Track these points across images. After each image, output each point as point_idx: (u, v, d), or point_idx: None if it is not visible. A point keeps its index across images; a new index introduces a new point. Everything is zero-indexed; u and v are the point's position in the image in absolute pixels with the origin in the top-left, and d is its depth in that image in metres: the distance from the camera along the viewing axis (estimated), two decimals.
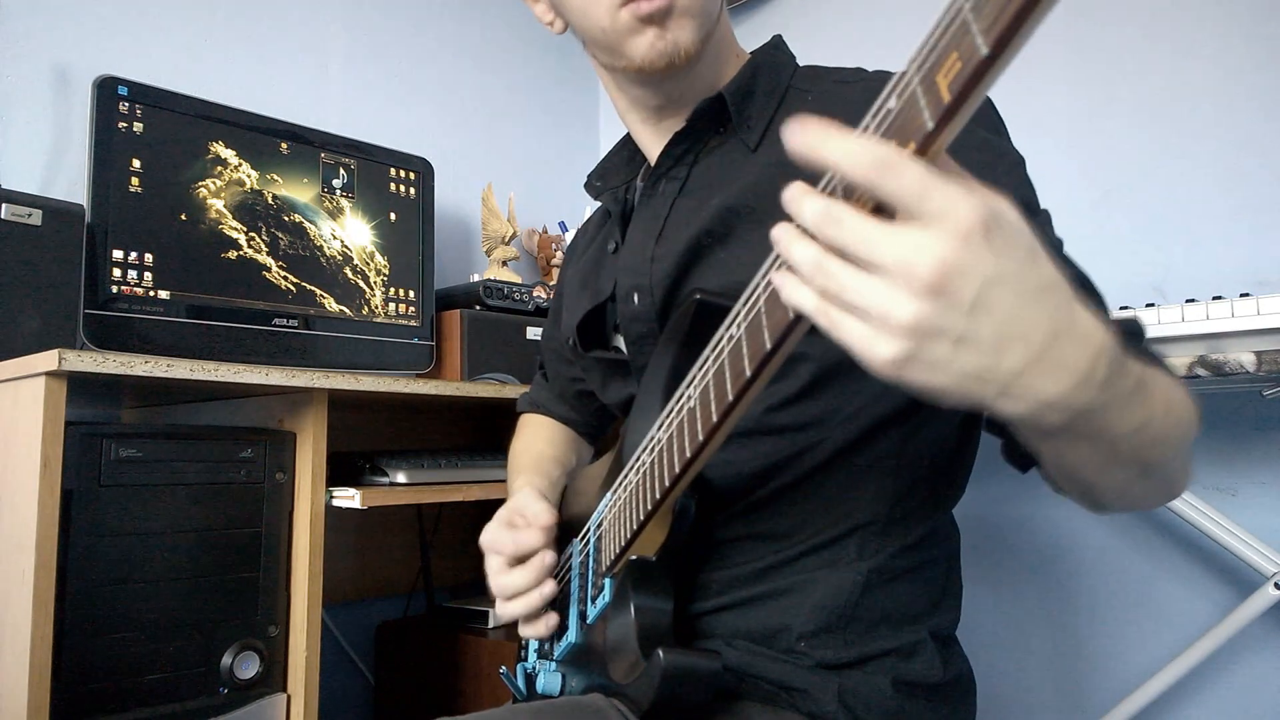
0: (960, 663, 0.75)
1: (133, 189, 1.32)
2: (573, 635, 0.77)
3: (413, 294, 1.66)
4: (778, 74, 0.79)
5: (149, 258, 1.33)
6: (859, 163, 0.39)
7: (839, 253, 0.41)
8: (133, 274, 1.31)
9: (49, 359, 0.96)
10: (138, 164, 1.33)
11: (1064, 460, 0.51)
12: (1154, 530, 1.52)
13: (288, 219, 1.50)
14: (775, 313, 0.48)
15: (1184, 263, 1.49)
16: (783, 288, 0.44)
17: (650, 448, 0.67)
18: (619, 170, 0.89)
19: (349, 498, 1.24)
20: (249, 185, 1.46)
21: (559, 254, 2.07)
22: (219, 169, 1.42)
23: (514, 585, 0.78)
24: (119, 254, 1.29)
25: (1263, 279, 1.40)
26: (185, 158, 1.38)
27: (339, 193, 1.58)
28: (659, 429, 0.66)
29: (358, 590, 1.74)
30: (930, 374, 0.40)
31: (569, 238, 1.96)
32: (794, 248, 0.43)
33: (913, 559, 0.72)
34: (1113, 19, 1.58)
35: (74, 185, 1.46)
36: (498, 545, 0.80)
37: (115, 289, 1.29)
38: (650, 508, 0.66)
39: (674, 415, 0.62)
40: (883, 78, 0.73)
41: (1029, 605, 1.65)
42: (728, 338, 0.54)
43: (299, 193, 1.52)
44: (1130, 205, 1.55)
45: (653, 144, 0.81)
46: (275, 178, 1.49)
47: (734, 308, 0.53)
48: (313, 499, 1.20)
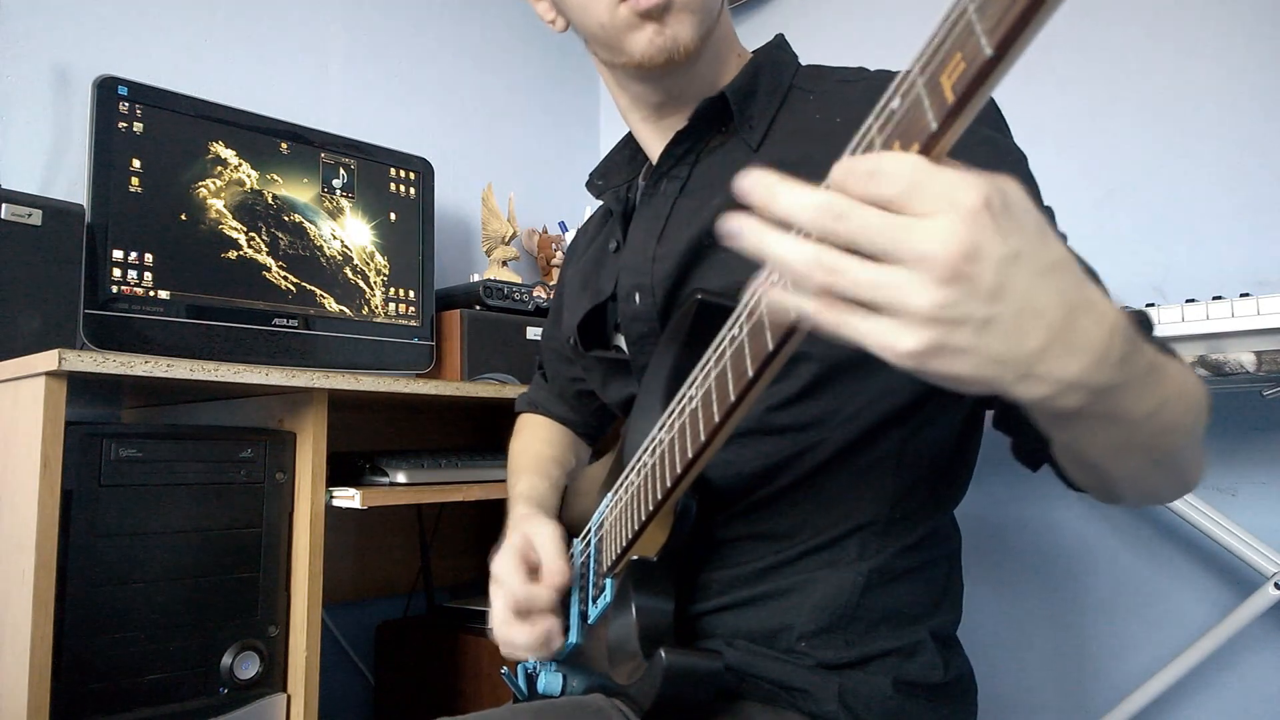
0: (961, 663, 0.74)
1: (133, 189, 1.32)
2: (574, 635, 0.77)
3: (413, 294, 1.65)
4: (780, 73, 0.79)
5: (149, 258, 1.32)
6: (817, 204, 0.40)
7: (840, 248, 0.40)
8: (133, 274, 1.31)
9: (49, 359, 0.96)
10: (138, 164, 1.33)
11: (1079, 448, 0.50)
12: (1154, 530, 1.52)
13: (288, 219, 1.50)
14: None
15: (1185, 263, 1.49)
16: (775, 296, 0.43)
17: (652, 448, 0.67)
18: (620, 169, 0.89)
19: (349, 498, 1.24)
20: (249, 185, 1.45)
21: (559, 254, 2.07)
22: (219, 169, 1.42)
23: (515, 641, 0.75)
24: (119, 254, 1.29)
25: (1263, 279, 1.40)
26: (185, 158, 1.38)
27: (339, 193, 1.58)
28: (661, 429, 0.66)
29: (358, 590, 1.74)
30: (953, 362, 0.39)
31: (569, 238, 1.96)
32: (784, 248, 0.41)
33: (914, 559, 0.72)
34: (1116, 19, 1.58)
35: (74, 185, 1.45)
36: (509, 585, 0.76)
37: (115, 289, 1.28)
38: (652, 508, 0.65)
39: (676, 416, 0.62)
40: (885, 77, 0.73)
41: (1030, 605, 1.65)
42: (730, 338, 0.54)
43: (299, 193, 1.52)
44: (1132, 205, 1.55)
45: (654, 143, 0.81)
46: (275, 178, 1.49)
47: (736, 308, 0.53)
48: (313, 499, 1.20)
